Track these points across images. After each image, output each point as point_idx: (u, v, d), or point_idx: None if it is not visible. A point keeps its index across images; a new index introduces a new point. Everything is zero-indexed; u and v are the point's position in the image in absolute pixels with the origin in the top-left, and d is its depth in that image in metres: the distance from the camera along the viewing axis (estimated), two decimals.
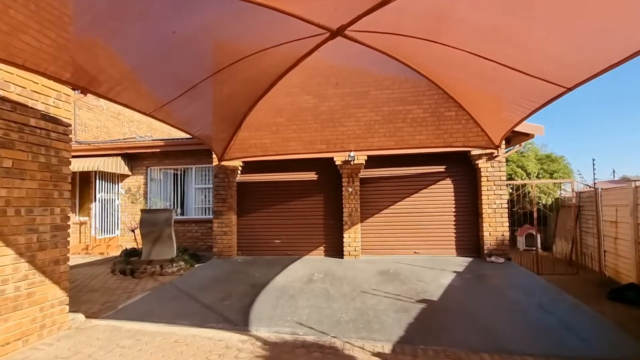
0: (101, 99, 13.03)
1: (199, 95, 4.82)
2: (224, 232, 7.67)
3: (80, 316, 4.10)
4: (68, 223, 3.90)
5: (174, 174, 10.37)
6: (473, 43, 3.57)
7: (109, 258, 8.82)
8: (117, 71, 3.48)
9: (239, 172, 7.90)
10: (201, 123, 5.87)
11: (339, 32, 3.55)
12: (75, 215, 10.77)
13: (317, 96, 6.81)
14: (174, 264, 6.84)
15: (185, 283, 5.78)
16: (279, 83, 5.49)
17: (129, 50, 3.33)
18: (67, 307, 3.86)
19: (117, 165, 9.92)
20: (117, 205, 10.43)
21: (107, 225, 10.23)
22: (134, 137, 12.12)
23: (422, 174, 7.39)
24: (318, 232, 7.72)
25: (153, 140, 10.27)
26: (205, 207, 10.03)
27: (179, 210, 10.00)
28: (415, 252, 7.26)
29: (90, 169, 9.45)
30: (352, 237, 7.29)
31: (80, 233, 10.61)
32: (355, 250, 7.27)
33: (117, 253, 8.98)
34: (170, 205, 10.06)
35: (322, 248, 7.71)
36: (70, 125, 3.99)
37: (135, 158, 10.38)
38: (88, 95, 12.95)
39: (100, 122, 12.36)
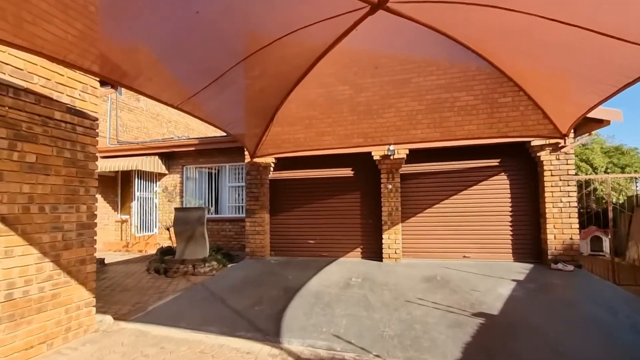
0: (140, 100, 13.43)
1: (227, 85, 4.53)
2: (256, 232, 7.41)
3: (108, 318, 3.94)
4: (95, 221, 3.74)
5: (208, 172, 10.36)
6: (542, 3, 2.90)
7: (146, 256, 8.94)
8: (140, 59, 3.23)
9: (272, 169, 7.60)
10: (232, 117, 5.61)
11: (380, 4, 3.04)
12: (117, 213, 11.14)
13: (353, 86, 6.33)
14: (207, 264, 6.67)
15: (216, 284, 5.55)
16: (312, 74, 5.09)
17: (151, 36, 3.07)
18: (94, 308, 3.70)
19: (154, 164, 10.08)
20: (155, 203, 10.62)
21: (146, 223, 10.45)
22: (172, 138, 12.36)
23: (472, 169, 6.63)
24: (355, 233, 7.22)
25: (188, 139, 10.32)
26: (238, 206, 9.90)
27: (212, 208, 9.97)
28: (464, 256, 6.53)
29: (130, 168, 9.66)
30: (392, 238, 6.70)
31: (121, 231, 10.94)
32: (395, 252, 6.67)
33: (155, 251, 9.09)
34: (204, 203, 10.05)
35: (359, 250, 7.20)
36: (97, 120, 3.84)
37: (171, 157, 10.51)
38: (127, 96, 13.43)
39: (140, 123, 12.74)
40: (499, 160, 6.48)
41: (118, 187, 11.18)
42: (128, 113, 12.20)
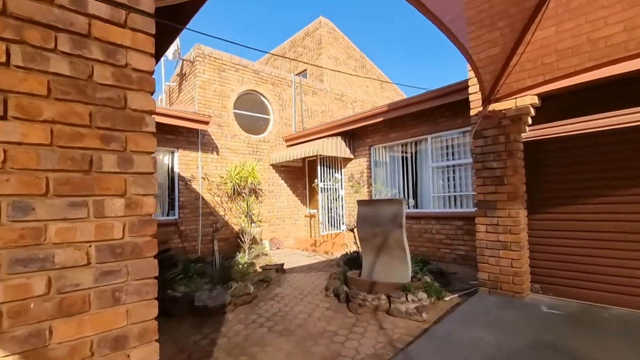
0: (324, 81, 12.18)
1: None
2: (500, 244, 3.93)
3: None
4: (149, 235, 1.53)
5: (402, 152, 7.62)
6: None
7: (331, 261, 7.11)
8: None
9: (529, 122, 3.89)
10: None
11: None
12: (306, 207, 10.14)
13: None
14: (409, 297, 3.84)
15: None
16: None
17: None
18: None
19: (337, 146, 8.25)
20: (341, 195, 8.83)
21: (332, 219, 8.80)
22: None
23: None
24: None
25: (375, 107, 7.89)
26: (447, 196, 6.64)
27: (411, 201, 7.12)
28: None
29: (312, 154, 8.18)
30: None
31: (310, 227, 9.85)
32: None
33: (340, 254, 7.15)
34: (399, 194, 7.37)
35: None
36: None
37: (356, 136, 8.44)
38: (311, 78, 12.44)
39: (325, 106, 11.52)
40: None
41: (305, 178, 10.19)
42: (312, 97, 11.14)
